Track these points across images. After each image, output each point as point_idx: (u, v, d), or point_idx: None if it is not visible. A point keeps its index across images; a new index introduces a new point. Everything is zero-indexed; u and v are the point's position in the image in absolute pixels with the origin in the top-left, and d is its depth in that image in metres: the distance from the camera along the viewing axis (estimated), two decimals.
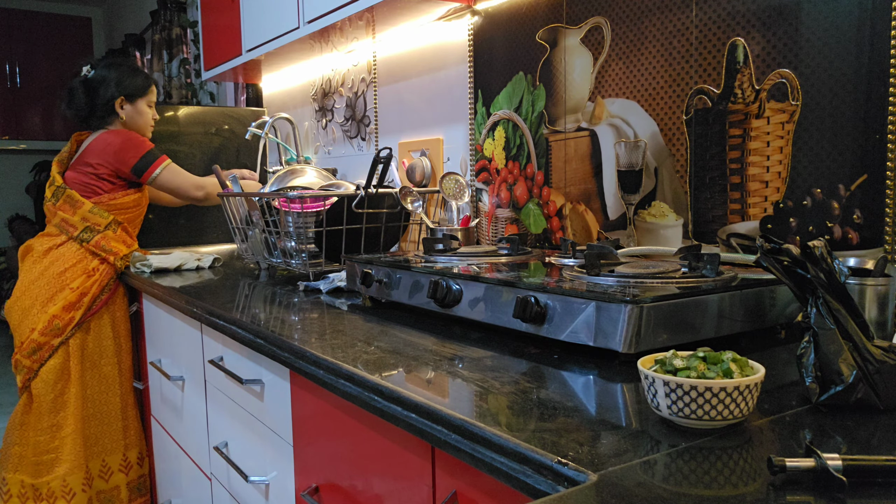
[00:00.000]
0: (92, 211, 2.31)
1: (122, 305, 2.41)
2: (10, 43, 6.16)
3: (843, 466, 0.60)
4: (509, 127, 1.96)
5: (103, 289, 2.31)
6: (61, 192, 2.34)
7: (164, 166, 2.36)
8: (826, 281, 0.84)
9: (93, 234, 2.30)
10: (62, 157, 2.46)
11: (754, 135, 1.37)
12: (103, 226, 2.32)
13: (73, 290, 2.25)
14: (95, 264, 2.30)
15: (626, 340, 0.96)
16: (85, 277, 2.28)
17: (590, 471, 0.64)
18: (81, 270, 2.28)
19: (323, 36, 2.41)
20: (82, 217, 2.31)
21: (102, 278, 2.30)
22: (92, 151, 2.35)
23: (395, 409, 0.90)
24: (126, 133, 2.38)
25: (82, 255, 2.30)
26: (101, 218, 2.32)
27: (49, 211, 2.38)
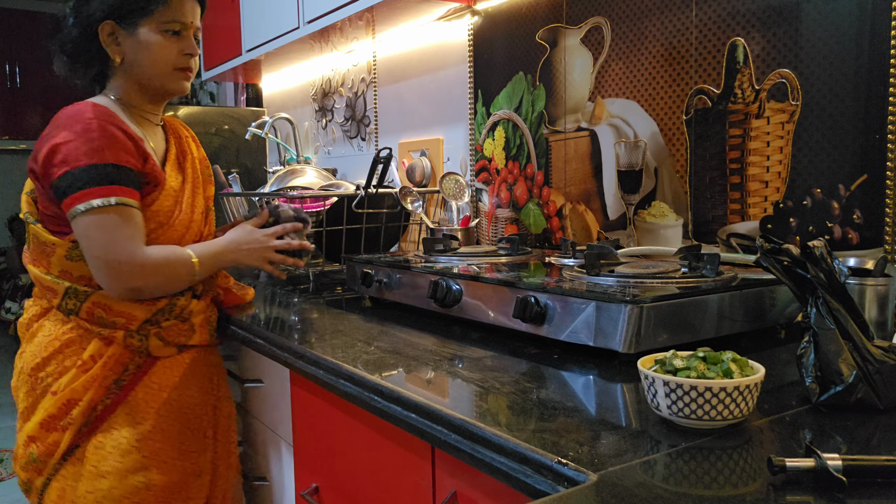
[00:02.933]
0: (71, 255, 1.30)
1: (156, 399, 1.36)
2: (10, 43, 6.16)
3: (843, 466, 0.60)
4: (509, 127, 1.96)
5: (109, 390, 1.32)
6: (25, 229, 1.38)
7: (100, 203, 1.23)
8: (826, 281, 0.84)
9: (79, 295, 1.31)
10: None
11: (754, 135, 1.37)
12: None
13: (55, 395, 1.31)
14: (94, 349, 1.32)
15: (626, 340, 0.96)
16: (75, 373, 1.31)
17: (590, 471, 0.64)
18: (71, 362, 1.32)
19: (323, 36, 2.41)
20: (61, 269, 1.31)
21: (107, 373, 1.32)
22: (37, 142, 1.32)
23: (395, 409, 0.90)
24: (75, 112, 1.28)
25: (72, 333, 1.34)
26: (87, 264, 1.29)
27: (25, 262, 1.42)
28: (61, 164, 1.24)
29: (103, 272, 1.26)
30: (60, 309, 1.33)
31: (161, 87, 1.38)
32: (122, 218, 1.25)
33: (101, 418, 1.31)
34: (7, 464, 3.24)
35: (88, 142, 1.24)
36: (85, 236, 1.25)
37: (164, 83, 1.38)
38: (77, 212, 1.24)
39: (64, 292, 1.31)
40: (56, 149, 1.24)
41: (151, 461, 1.32)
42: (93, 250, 1.25)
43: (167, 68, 1.36)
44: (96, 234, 1.24)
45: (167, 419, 1.35)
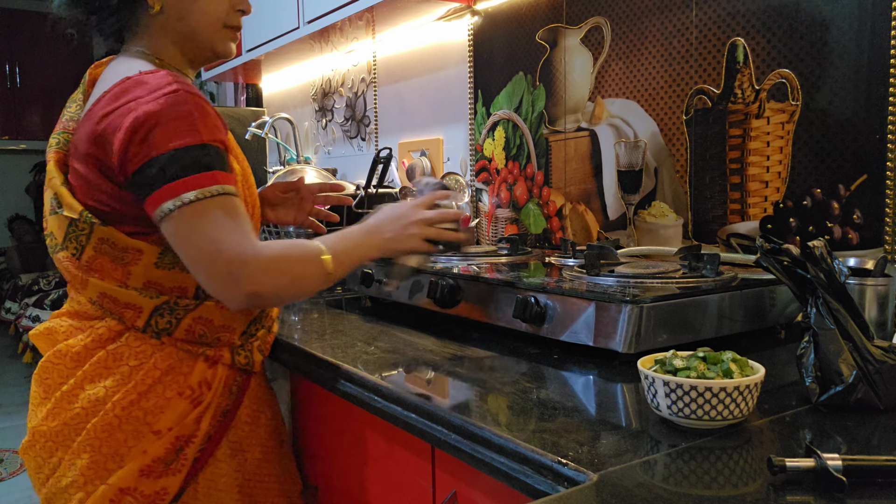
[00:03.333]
0: (162, 262, 1.04)
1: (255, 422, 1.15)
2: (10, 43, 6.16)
3: (843, 466, 0.60)
4: (509, 127, 1.96)
5: (223, 415, 1.10)
6: (81, 230, 1.03)
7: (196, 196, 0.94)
8: (826, 281, 0.84)
9: (175, 312, 1.05)
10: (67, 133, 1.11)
11: (754, 135, 1.37)
12: (193, 287, 1.07)
13: (161, 434, 1.04)
14: (203, 373, 1.08)
15: (626, 340, 0.96)
16: (185, 405, 1.06)
17: (590, 471, 0.64)
18: (174, 392, 1.05)
19: (323, 36, 2.41)
20: (146, 280, 1.04)
21: (220, 400, 1.09)
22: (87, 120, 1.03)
23: (395, 409, 0.90)
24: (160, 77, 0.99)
25: (171, 358, 1.06)
26: (183, 272, 1.04)
27: (63, 268, 1.09)
28: (143, 146, 0.94)
29: (214, 278, 0.95)
30: (147, 329, 1.04)
31: (208, 46, 1.12)
32: (226, 211, 0.95)
33: (209, 452, 1.07)
34: (7, 463, 3.24)
35: (179, 117, 0.94)
36: (182, 237, 0.95)
37: (213, 42, 1.12)
38: (166, 210, 0.94)
39: (153, 309, 1.03)
40: (137, 127, 0.94)
41: (263, 494, 1.14)
42: (196, 254, 0.95)
43: (217, 24, 1.11)
44: (198, 234, 0.94)
45: (270, 443, 1.15)
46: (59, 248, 1.06)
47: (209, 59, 1.15)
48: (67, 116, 1.12)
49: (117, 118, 0.96)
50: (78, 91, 1.15)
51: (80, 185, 1.04)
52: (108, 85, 1.02)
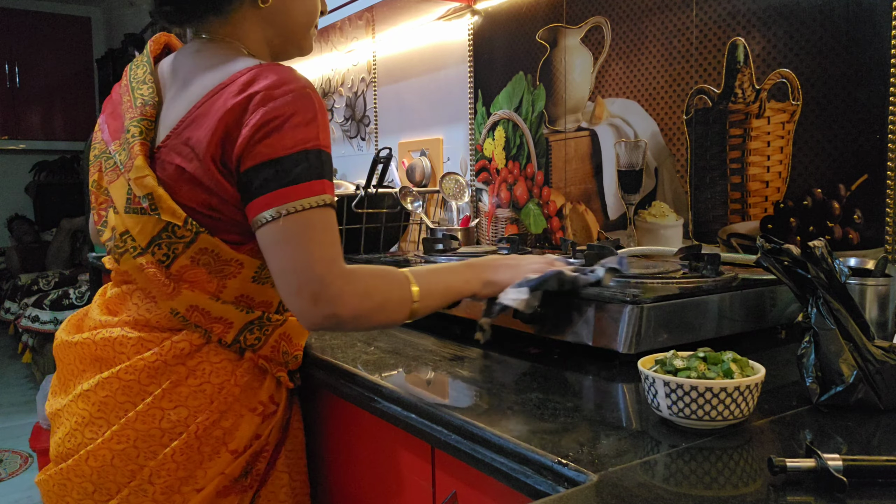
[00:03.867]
0: (259, 277, 1.00)
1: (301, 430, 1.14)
2: (10, 43, 6.16)
3: (843, 467, 0.60)
4: (509, 127, 1.96)
5: (285, 426, 1.09)
6: (180, 238, 0.95)
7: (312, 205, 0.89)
8: (826, 281, 0.83)
9: (265, 328, 1.02)
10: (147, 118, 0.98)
11: (755, 134, 1.37)
12: (276, 303, 1.05)
13: (238, 454, 1.00)
14: (271, 388, 1.04)
15: (626, 341, 0.96)
16: (258, 423, 1.02)
17: (590, 471, 0.64)
18: (247, 409, 1.01)
19: (323, 36, 2.41)
20: (240, 294, 1.00)
21: (284, 414, 1.07)
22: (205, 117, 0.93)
23: (395, 409, 0.90)
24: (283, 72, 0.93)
25: (247, 375, 1.01)
26: (272, 289, 1.02)
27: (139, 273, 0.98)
28: (267, 144, 0.88)
29: (299, 293, 0.88)
30: (234, 344, 0.99)
31: (298, 43, 1.11)
32: (325, 224, 0.90)
33: (272, 464, 1.05)
34: (7, 464, 3.24)
35: (306, 120, 0.89)
36: (279, 246, 0.89)
37: (304, 39, 1.11)
38: (271, 215, 0.88)
39: (246, 324, 0.98)
40: (265, 123, 0.88)
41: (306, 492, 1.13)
42: (288, 265, 0.88)
43: (311, 23, 1.11)
44: (296, 245, 0.88)
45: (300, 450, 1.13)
46: (141, 252, 0.96)
47: (292, 55, 1.12)
48: (141, 100, 0.99)
49: (245, 113, 0.89)
50: (145, 69, 1.04)
51: (179, 187, 0.94)
52: (215, 80, 0.94)
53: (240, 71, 0.93)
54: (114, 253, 1.00)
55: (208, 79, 0.96)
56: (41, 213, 6.31)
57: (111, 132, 1.01)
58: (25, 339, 4.62)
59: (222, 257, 0.96)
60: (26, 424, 3.46)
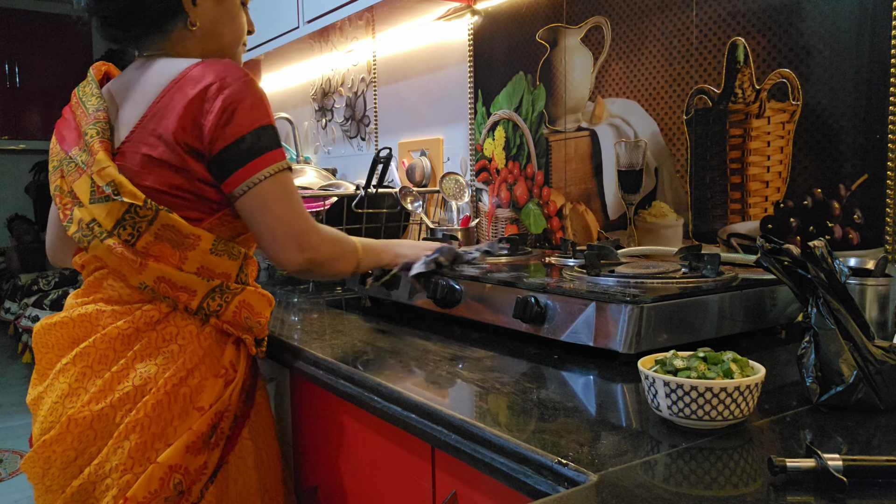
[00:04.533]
0: (216, 249, 1.11)
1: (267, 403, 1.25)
2: (10, 43, 6.16)
3: (843, 467, 0.60)
4: (509, 127, 1.96)
5: (246, 396, 1.17)
6: (142, 216, 1.07)
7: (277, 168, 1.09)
8: (826, 281, 0.83)
9: (225, 295, 1.12)
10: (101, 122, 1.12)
11: (755, 135, 1.37)
12: (234, 274, 1.14)
13: (204, 411, 1.08)
14: (231, 354, 1.14)
15: (626, 341, 0.96)
16: (221, 385, 1.12)
17: (590, 471, 0.64)
18: (212, 371, 1.11)
19: (323, 35, 2.41)
20: (201, 265, 1.10)
21: (246, 378, 1.17)
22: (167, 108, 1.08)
23: (395, 409, 0.90)
24: (227, 65, 1.10)
25: (209, 339, 1.12)
26: (230, 259, 1.13)
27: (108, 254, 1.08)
28: (237, 125, 1.06)
29: (285, 243, 1.10)
30: (199, 311, 1.10)
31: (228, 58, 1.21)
32: (291, 184, 1.12)
33: (238, 431, 1.14)
34: (7, 464, 3.24)
35: (257, 100, 1.08)
36: (263, 207, 1.08)
37: (235, 57, 1.26)
38: (254, 182, 1.07)
39: (208, 292, 1.10)
40: (227, 107, 1.05)
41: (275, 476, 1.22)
42: (274, 221, 1.09)
43: (240, 42, 1.26)
44: (278, 201, 1.09)
45: (273, 426, 1.25)
46: (107, 235, 1.07)
47: None
48: (93, 108, 1.15)
49: (206, 101, 1.06)
50: (91, 86, 1.19)
51: (142, 172, 1.09)
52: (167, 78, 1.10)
53: (188, 67, 1.10)
54: (82, 242, 1.10)
55: (161, 78, 1.11)
56: (41, 213, 6.30)
57: (69, 142, 1.15)
58: (25, 339, 4.62)
59: (182, 232, 1.08)
60: (26, 424, 3.46)
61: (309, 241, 1.11)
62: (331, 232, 1.18)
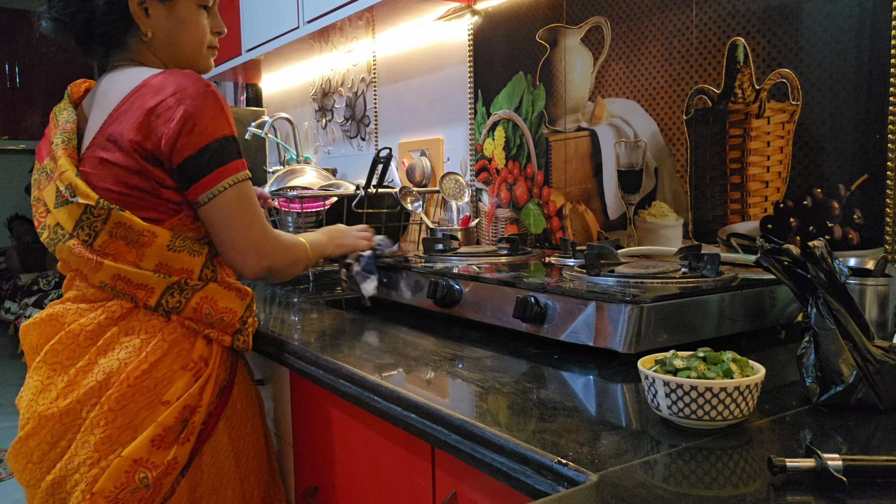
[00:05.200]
0: (174, 245, 1.13)
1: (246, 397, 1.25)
2: (10, 43, 6.16)
3: (843, 467, 0.60)
4: (509, 127, 1.96)
5: (221, 391, 1.18)
6: (97, 216, 1.10)
7: (238, 179, 1.14)
8: (826, 281, 0.83)
9: (185, 291, 1.14)
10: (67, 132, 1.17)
11: (754, 135, 1.37)
12: (198, 270, 1.16)
13: (170, 404, 1.10)
14: (202, 349, 1.16)
15: (626, 340, 0.96)
16: (189, 377, 1.14)
17: (590, 471, 0.64)
18: (180, 365, 1.13)
19: (323, 36, 2.41)
20: (158, 262, 1.12)
21: (219, 373, 1.18)
22: (126, 115, 1.12)
23: (395, 409, 0.90)
24: (187, 76, 1.12)
25: (174, 333, 1.14)
26: (190, 255, 1.15)
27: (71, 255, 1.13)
28: (199, 134, 1.09)
29: (245, 251, 1.15)
30: (158, 308, 1.13)
31: (193, 66, 1.26)
32: (251, 194, 1.17)
33: (212, 425, 1.16)
34: (7, 464, 3.24)
35: (217, 111, 1.11)
36: (224, 217, 1.13)
37: (198, 62, 1.26)
38: (216, 192, 1.11)
39: (165, 288, 1.13)
40: (186, 119, 1.08)
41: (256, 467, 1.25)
42: (234, 228, 1.14)
43: (201, 49, 1.26)
44: (239, 211, 1.14)
45: (256, 419, 1.27)
46: (68, 237, 1.12)
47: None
48: (63, 120, 1.19)
49: (166, 110, 1.09)
50: (64, 102, 1.23)
51: (100, 174, 1.12)
52: (130, 86, 1.14)
53: (150, 76, 1.13)
54: (50, 246, 1.15)
55: (123, 87, 1.15)
56: None
57: (42, 155, 1.20)
58: None
59: (135, 229, 1.10)
60: None
61: (265, 250, 1.17)
62: (286, 239, 1.24)
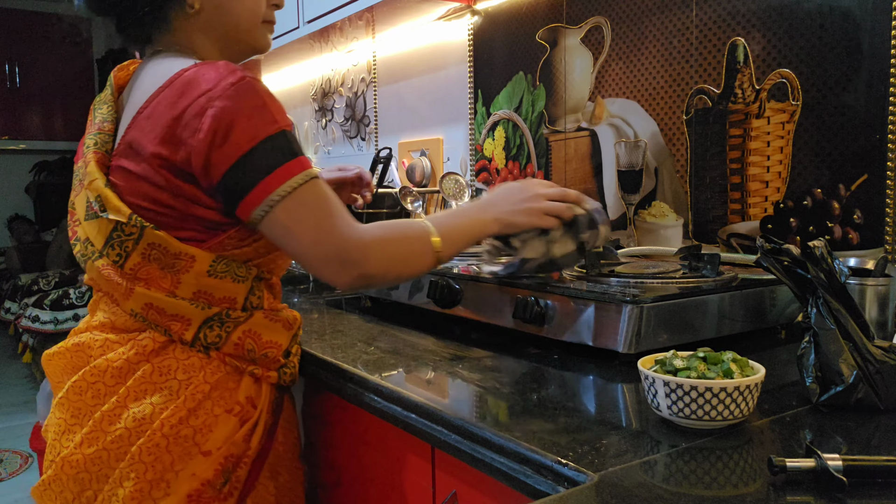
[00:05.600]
0: (215, 271, 0.96)
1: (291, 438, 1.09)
2: (10, 43, 6.16)
3: (843, 467, 0.60)
4: (509, 127, 1.96)
5: (270, 434, 1.03)
6: (128, 235, 0.95)
7: (296, 184, 0.91)
8: (826, 281, 0.83)
9: (226, 324, 0.98)
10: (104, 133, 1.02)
11: (754, 135, 1.37)
12: (241, 299, 1.00)
13: (210, 454, 0.95)
14: (249, 388, 1.00)
15: (626, 340, 0.96)
16: (234, 423, 0.97)
17: (590, 471, 0.64)
18: (222, 409, 0.97)
19: (323, 36, 2.41)
20: (197, 290, 0.97)
21: (267, 417, 1.01)
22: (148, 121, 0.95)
23: (395, 409, 0.90)
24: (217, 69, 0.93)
25: (218, 373, 0.98)
26: (234, 282, 0.98)
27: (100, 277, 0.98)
28: (235, 143, 0.88)
29: (326, 263, 0.92)
30: (196, 343, 0.96)
31: (249, 43, 1.10)
32: (320, 195, 0.93)
33: (254, 476, 1.00)
34: (7, 464, 3.24)
35: (254, 108, 0.90)
36: (286, 230, 0.91)
37: (253, 38, 1.10)
38: (266, 208, 0.89)
39: (203, 321, 0.96)
40: (216, 128, 0.88)
41: None
42: (302, 242, 0.92)
43: (257, 20, 1.09)
44: (303, 223, 0.91)
45: (295, 464, 1.09)
46: (98, 255, 0.97)
47: (247, 54, 1.13)
48: (100, 118, 1.04)
49: (192, 119, 0.90)
50: (106, 93, 1.08)
51: (128, 186, 0.95)
52: (155, 84, 0.96)
53: (176, 73, 0.95)
54: (81, 262, 1.02)
55: (150, 83, 0.98)
56: (41, 213, 6.30)
57: (78, 155, 1.05)
58: (25, 339, 4.62)
59: (171, 251, 0.94)
60: (26, 424, 3.46)
61: (351, 257, 0.92)
62: (385, 234, 0.96)
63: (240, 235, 0.96)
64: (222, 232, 0.96)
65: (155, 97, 0.95)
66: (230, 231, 0.96)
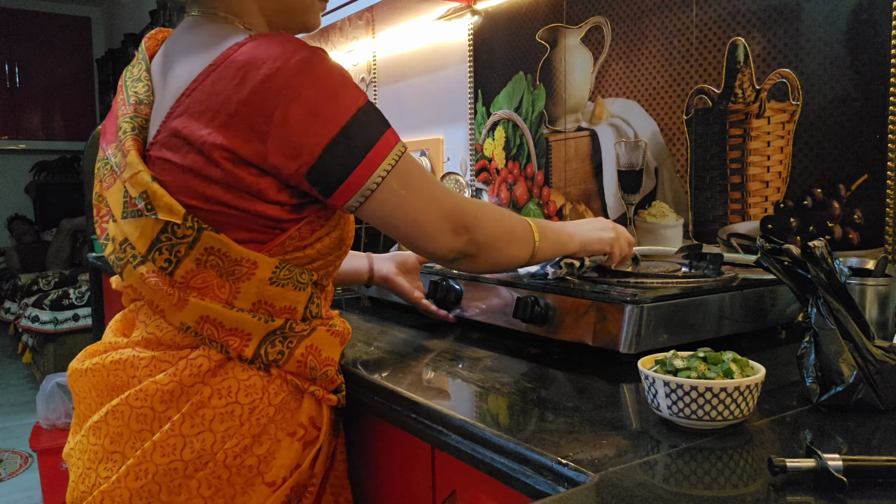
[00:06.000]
0: (277, 278, 0.87)
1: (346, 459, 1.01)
2: (9, 43, 6.16)
3: (843, 467, 0.60)
4: (509, 127, 1.96)
5: (332, 457, 0.97)
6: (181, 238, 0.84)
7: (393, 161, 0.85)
8: (826, 281, 0.83)
9: (289, 339, 0.88)
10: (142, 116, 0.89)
11: (755, 135, 1.37)
12: (302, 308, 0.90)
13: (276, 486, 0.87)
14: (311, 408, 0.91)
15: (626, 340, 0.96)
16: (299, 449, 0.90)
17: (590, 471, 0.64)
18: (284, 431, 0.89)
19: (323, 36, 2.41)
20: (257, 300, 0.87)
21: (331, 440, 0.95)
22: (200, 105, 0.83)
23: (394, 409, 0.90)
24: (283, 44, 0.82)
25: (281, 393, 0.89)
26: (296, 290, 0.89)
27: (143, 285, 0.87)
28: (323, 125, 0.80)
29: (440, 230, 0.87)
30: (256, 360, 0.86)
31: (301, 17, 0.98)
32: (419, 165, 0.89)
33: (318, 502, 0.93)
34: (7, 464, 3.24)
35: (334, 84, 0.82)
36: (395, 206, 0.85)
37: (306, 16, 0.98)
38: (376, 183, 0.83)
39: (266, 335, 0.86)
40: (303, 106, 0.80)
41: None
42: (419, 204, 0.86)
43: (310, 8, 0.98)
44: (412, 193, 0.85)
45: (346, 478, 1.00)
46: (140, 260, 0.85)
47: (295, 31, 0.99)
48: (135, 98, 0.91)
49: (266, 103, 0.80)
50: (140, 67, 0.95)
51: (175, 182, 0.83)
52: (204, 60, 0.84)
53: (230, 47, 0.83)
54: (116, 267, 0.89)
55: (197, 60, 0.85)
56: (41, 213, 6.31)
57: (108, 138, 0.93)
58: (25, 339, 4.62)
59: (231, 256, 0.84)
60: (26, 424, 3.46)
61: (464, 221, 0.88)
62: (492, 207, 0.94)
63: (301, 235, 0.87)
64: (282, 232, 0.86)
65: (205, 76, 0.83)
66: (291, 230, 0.86)
